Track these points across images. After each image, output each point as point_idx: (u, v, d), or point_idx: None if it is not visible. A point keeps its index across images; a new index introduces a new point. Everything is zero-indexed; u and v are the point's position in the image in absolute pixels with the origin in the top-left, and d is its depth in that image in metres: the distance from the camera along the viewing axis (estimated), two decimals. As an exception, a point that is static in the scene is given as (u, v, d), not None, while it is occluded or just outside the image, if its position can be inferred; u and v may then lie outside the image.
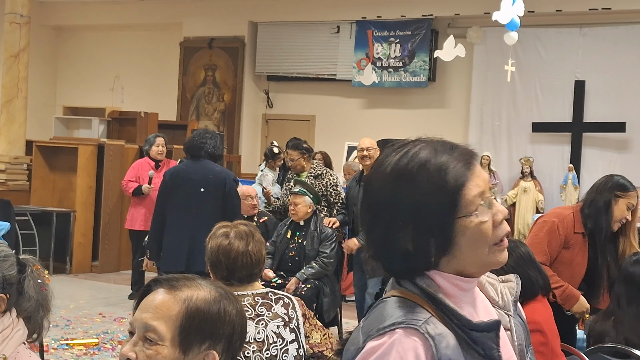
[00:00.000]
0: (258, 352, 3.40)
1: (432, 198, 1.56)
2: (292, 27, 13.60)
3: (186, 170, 6.81)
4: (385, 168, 1.62)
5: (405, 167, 1.60)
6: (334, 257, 7.35)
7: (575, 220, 4.64)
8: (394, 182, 1.59)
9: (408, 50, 12.65)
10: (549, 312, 3.71)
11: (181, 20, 14.29)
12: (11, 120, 11.66)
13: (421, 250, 1.56)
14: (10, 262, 2.37)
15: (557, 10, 11.66)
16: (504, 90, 12.00)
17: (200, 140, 6.75)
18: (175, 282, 1.81)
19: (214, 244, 3.58)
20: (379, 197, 1.61)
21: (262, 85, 14.19)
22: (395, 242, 1.57)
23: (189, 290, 1.79)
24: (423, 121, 12.59)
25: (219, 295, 1.83)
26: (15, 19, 11.71)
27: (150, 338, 1.74)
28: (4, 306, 2.32)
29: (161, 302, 1.77)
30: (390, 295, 1.62)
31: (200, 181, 6.66)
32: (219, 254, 3.56)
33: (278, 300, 3.55)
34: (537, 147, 11.99)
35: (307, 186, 7.48)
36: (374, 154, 7.60)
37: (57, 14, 15.72)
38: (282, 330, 3.48)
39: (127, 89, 15.17)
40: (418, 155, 1.61)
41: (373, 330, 1.54)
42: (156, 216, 6.97)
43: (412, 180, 1.58)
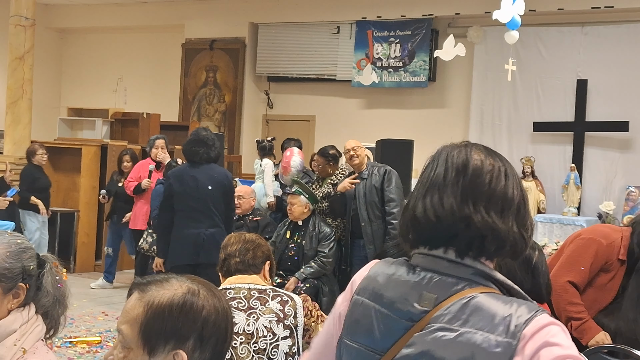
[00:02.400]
0: (245, 344, 3.44)
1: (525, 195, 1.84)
2: (292, 28, 13.63)
3: (190, 170, 7.03)
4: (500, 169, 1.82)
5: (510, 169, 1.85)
6: (333, 257, 7.40)
7: (622, 246, 4.39)
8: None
9: (408, 50, 12.66)
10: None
11: (183, 22, 14.34)
12: (16, 122, 11.73)
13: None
14: (30, 254, 2.42)
15: (558, 9, 11.63)
16: (505, 90, 11.98)
17: (192, 147, 7.02)
18: (148, 284, 1.84)
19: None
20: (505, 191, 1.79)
21: (262, 86, 14.24)
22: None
23: (155, 291, 1.82)
24: (423, 121, 12.62)
25: (187, 291, 1.82)
26: (20, 22, 11.77)
27: (122, 341, 1.80)
28: (23, 295, 2.36)
29: (130, 306, 1.82)
30: (472, 295, 1.72)
31: (206, 180, 6.93)
32: (220, 249, 3.81)
33: (275, 297, 3.59)
34: (538, 146, 11.92)
35: (302, 186, 7.54)
36: (361, 152, 7.67)
37: (62, 16, 15.79)
38: (275, 325, 3.51)
39: (130, 91, 15.25)
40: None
41: (517, 321, 1.66)
42: (162, 215, 7.15)
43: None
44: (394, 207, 7.42)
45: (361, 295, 1.86)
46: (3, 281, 2.33)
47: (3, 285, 2.33)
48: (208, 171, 6.98)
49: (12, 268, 2.34)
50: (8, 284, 2.34)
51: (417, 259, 1.83)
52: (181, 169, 7.25)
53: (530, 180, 11.58)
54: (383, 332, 1.77)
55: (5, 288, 2.34)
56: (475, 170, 1.80)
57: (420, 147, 10.58)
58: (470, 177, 1.79)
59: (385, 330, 1.76)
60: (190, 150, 7.03)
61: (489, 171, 1.80)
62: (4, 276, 2.33)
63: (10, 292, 2.35)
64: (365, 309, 1.82)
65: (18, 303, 2.36)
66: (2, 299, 2.34)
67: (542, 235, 10.76)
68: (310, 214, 7.48)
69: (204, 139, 7.03)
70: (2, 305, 2.34)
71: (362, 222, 7.49)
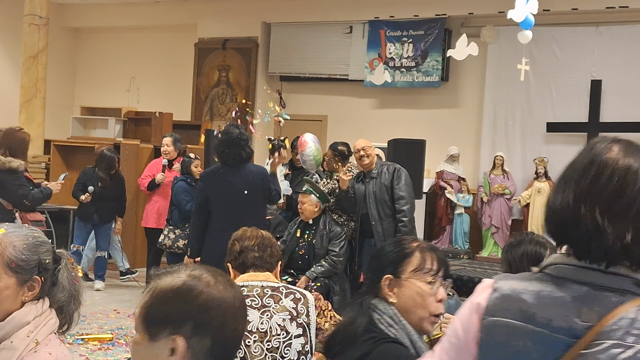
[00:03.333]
0: (259, 342, 3.42)
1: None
2: (304, 28, 13.63)
3: (225, 174, 6.79)
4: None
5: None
6: (343, 256, 7.39)
7: None
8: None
9: (421, 50, 12.63)
10: None
11: (196, 22, 14.37)
12: (30, 120, 11.77)
13: None
14: (46, 248, 2.44)
15: (572, 9, 11.57)
16: (518, 90, 11.93)
17: (224, 150, 6.79)
18: (162, 274, 1.87)
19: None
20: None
21: (274, 86, 14.24)
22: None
23: (160, 279, 1.86)
24: (435, 121, 12.59)
25: (189, 277, 1.83)
26: (34, 21, 11.83)
27: (134, 327, 1.86)
28: (38, 288, 2.38)
29: (143, 293, 1.86)
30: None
31: (242, 184, 6.69)
32: (234, 241, 3.81)
33: (289, 295, 3.58)
34: (551, 147, 11.86)
35: (313, 185, 7.53)
36: (371, 152, 7.63)
37: (75, 15, 15.84)
38: (288, 323, 3.49)
39: (143, 90, 15.28)
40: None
41: None
42: (197, 217, 6.96)
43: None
44: (404, 205, 7.40)
45: (502, 317, 1.73)
46: (19, 273, 2.35)
47: (19, 276, 2.35)
48: (243, 173, 6.74)
49: (29, 260, 2.37)
50: (24, 276, 2.36)
51: (562, 271, 1.74)
52: (215, 172, 6.97)
53: (544, 181, 11.55)
54: (541, 352, 1.67)
55: (21, 280, 2.36)
56: (601, 169, 1.71)
57: (433, 147, 10.59)
58: (593, 177, 1.70)
59: (545, 350, 1.66)
60: (222, 152, 6.83)
61: (620, 172, 1.69)
62: (21, 268, 2.35)
63: (25, 284, 2.37)
64: (513, 330, 1.71)
65: (32, 296, 2.38)
66: (18, 290, 2.36)
67: (554, 236, 10.70)
68: (321, 212, 7.48)
69: (234, 139, 6.76)
70: (17, 297, 2.36)
71: (373, 221, 7.47)
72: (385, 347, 2.46)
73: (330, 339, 2.65)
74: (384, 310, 2.58)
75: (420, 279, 2.62)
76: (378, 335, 2.50)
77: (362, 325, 2.53)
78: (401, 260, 2.65)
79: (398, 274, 2.63)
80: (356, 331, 2.52)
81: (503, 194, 11.80)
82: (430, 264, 2.64)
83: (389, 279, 2.63)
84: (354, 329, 2.54)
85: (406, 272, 2.63)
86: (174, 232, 9.25)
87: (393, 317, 2.57)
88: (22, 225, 2.53)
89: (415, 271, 2.62)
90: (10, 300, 2.35)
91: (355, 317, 2.58)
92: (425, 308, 2.60)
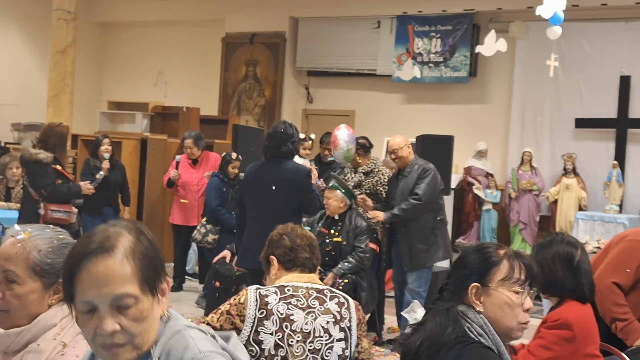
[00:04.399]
0: (302, 343, 3.39)
1: None
2: (332, 23, 13.60)
3: (259, 168, 6.57)
4: None
5: None
6: (370, 252, 7.37)
7: None
8: None
9: (449, 45, 12.57)
10: (585, 314, 3.64)
11: (223, 16, 14.38)
12: (58, 115, 11.81)
13: None
14: None
15: (602, 4, 11.50)
16: (547, 86, 11.85)
17: (265, 143, 6.57)
18: (102, 243, 1.76)
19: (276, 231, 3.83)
20: None
21: (302, 81, 14.23)
22: None
23: (119, 242, 1.78)
24: (464, 117, 12.53)
25: (137, 229, 1.86)
26: (62, 15, 11.85)
27: (128, 304, 1.75)
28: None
29: (112, 269, 1.74)
30: None
31: (271, 179, 6.39)
32: (282, 235, 3.76)
33: (333, 298, 3.56)
34: (580, 143, 11.78)
35: (339, 181, 7.50)
36: (402, 152, 7.54)
37: (103, 10, 15.92)
38: (331, 327, 3.46)
39: (170, 84, 15.33)
40: None
41: None
42: (238, 216, 6.78)
43: None
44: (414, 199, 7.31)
45: None
46: (45, 276, 2.33)
47: (45, 280, 2.33)
48: (276, 169, 6.42)
49: (54, 264, 2.33)
50: (49, 279, 2.34)
51: None
52: (254, 165, 6.74)
53: (572, 177, 11.48)
54: None
55: (47, 283, 2.34)
56: None
57: (461, 142, 10.52)
58: None
59: None
60: (263, 145, 6.60)
61: None
62: (46, 272, 2.32)
63: (51, 288, 2.35)
64: None
65: (59, 299, 2.35)
66: (43, 294, 2.34)
67: (583, 232, 10.64)
68: (346, 208, 7.46)
69: (277, 133, 6.47)
70: (42, 300, 2.34)
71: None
72: (478, 351, 2.45)
73: (414, 344, 2.60)
74: (474, 319, 2.55)
75: (508, 289, 2.59)
76: (470, 340, 2.48)
77: (454, 334, 2.50)
78: (488, 268, 2.62)
79: (486, 282, 2.60)
80: (447, 339, 2.49)
81: (531, 190, 11.72)
82: (519, 273, 2.61)
83: (476, 287, 2.60)
84: (445, 336, 2.50)
85: (494, 281, 2.60)
86: (205, 227, 9.26)
87: (483, 326, 2.54)
88: (47, 226, 2.46)
89: (503, 280, 2.59)
90: (36, 304, 2.33)
91: (444, 324, 2.54)
92: (514, 318, 2.58)
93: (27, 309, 2.31)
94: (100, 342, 1.72)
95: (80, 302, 1.72)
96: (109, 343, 1.72)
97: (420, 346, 2.56)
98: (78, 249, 1.75)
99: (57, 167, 7.42)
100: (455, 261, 2.79)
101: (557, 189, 11.59)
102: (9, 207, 8.82)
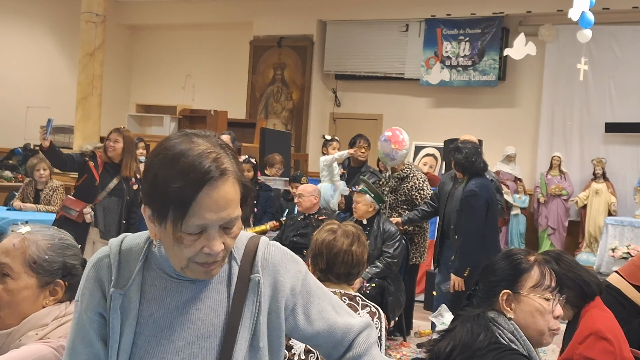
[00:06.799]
0: None
1: None
2: (360, 26, 13.57)
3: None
4: None
5: None
6: (398, 257, 7.30)
7: None
8: None
9: (478, 49, 12.51)
10: (609, 317, 3.60)
11: (251, 20, 14.40)
12: (86, 117, 11.89)
13: None
14: (73, 252, 2.34)
15: (633, 7, 11.40)
16: (577, 90, 11.77)
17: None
18: (218, 168, 1.72)
19: (319, 237, 3.64)
20: None
21: (330, 84, 14.21)
22: None
23: (229, 166, 1.74)
24: (492, 121, 12.46)
25: (229, 147, 1.81)
26: (91, 18, 11.92)
27: (234, 225, 1.76)
28: (61, 293, 2.30)
29: (230, 194, 1.74)
30: None
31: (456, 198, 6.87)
32: (322, 247, 3.62)
33: (365, 307, 3.52)
34: (610, 147, 11.71)
35: (369, 185, 7.45)
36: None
37: (132, 13, 16.00)
38: None
39: (198, 87, 15.37)
40: None
41: None
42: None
43: None
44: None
45: None
46: (41, 273, 2.26)
47: (40, 277, 2.26)
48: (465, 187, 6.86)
49: (52, 261, 2.28)
50: (45, 277, 2.27)
51: None
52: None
53: (602, 182, 11.39)
54: None
55: (43, 281, 2.27)
56: None
57: (490, 146, 10.46)
58: None
59: None
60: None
61: None
62: (42, 268, 2.26)
63: (47, 287, 2.28)
64: None
65: (55, 301, 2.30)
66: (38, 292, 2.27)
67: (612, 238, 10.53)
68: (375, 213, 7.41)
69: (461, 148, 6.88)
70: (37, 300, 2.27)
71: (452, 225, 7.29)
72: (513, 357, 2.43)
73: (443, 350, 2.58)
74: (504, 325, 2.54)
75: (539, 295, 2.57)
76: (504, 346, 2.47)
77: (487, 340, 2.48)
78: (519, 275, 2.60)
79: (516, 289, 2.58)
80: (480, 346, 2.47)
81: (560, 194, 11.63)
82: (549, 280, 2.60)
83: (507, 294, 2.59)
84: (478, 343, 2.49)
85: (525, 287, 2.58)
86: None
87: (514, 332, 2.53)
88: (49, 226, 2.40)
89: (534, 287, 2.58)
90: (29, 303, 2.26)
91: (475, 330, 2.53)
92: (545, 324, 2.57)
93: (19, 306, 2.24)
94: (201, 260, 1.75)
95: (192, 225, 1.70)
96: (211, 261, 1.76)
97: (452, 352, 2.54)
98: (190, 174, 1.69)
99: (90, 162, 7.38)
100: (484, 268, 2.77)
101: (586, 194, 11.49)
102: (38, 209, 8.83)
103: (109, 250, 1.87)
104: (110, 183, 7.31)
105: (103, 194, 7.28)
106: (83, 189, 7.34)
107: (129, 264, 1.85)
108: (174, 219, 1.70)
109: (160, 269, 1.84)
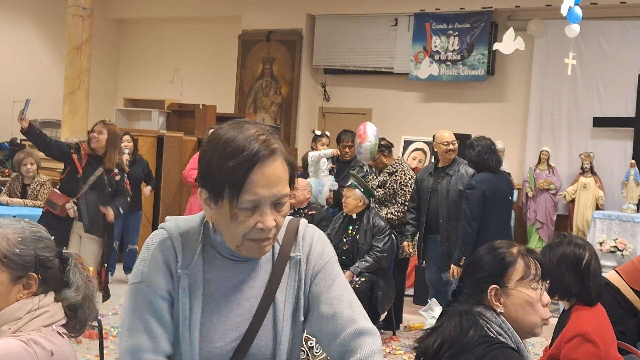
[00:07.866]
0: None
1: None
2: (349, 20, 13.56)
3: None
4: None
5: None
6: (387, 251, 7.32)
7: None
8: None
9: (467, 43, 12.52)
10: (598, 317, 3.58)
11: (240, 14, 14.37)
12: (74, 111, 11.83)
13: None
14: (46, 244, 2.31)
15: (621, 2, 11.42)
16: (565, 84, 11.80)
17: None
18: (269, 147, 1.88)
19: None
20: None
21: (319, 79, 14.20)
22: None
23: (279, 146, 1.91)
24: (481, 115, 12.48)
25: (277, 132, 1.99)
26: (78, 12, 11.84)
27: (284, 202, 1.91)
28: (35, 286, 2.27)
29: (280, 171, 1.89)
30: None
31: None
32: None
33: None
34: (598, 142, 11.74)
35: (358, 180, 7.46)
36: (457, 146, 7.51)
37: (119, 6, 15.93)
38: None
39: (187, 82, 15.32)
40: None
41: None
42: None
43: None
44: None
45: None
46: (12, 268, 2.23)
47: (12, 272, 2.23)
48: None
49: (24, 255, 2.24)
50: (17, 271, 2.24)
51: None
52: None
53: (589, 176, 11.42)
54: None
55: (14, 275, 2.24)
56: None
57: (478, 141, 10.44)
58: None
59: None
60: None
61: None
62: (14, 262, 2.23)
63: (20, 281, 2.25)
64: None
65: (29, 294, 2.27)
66: (10, 287, 2.24)
67: (600, 232, 10.55)
68: (365, 207, 7.41)
69: (472, 142, 7.16)
70: (9, 294, 2.24)
71: (441, 219, 7.29)
72: (502, 351, 2.45)
73: (430, 345, 2.59)
74: (492, 318, 2.56)
75: (527, 286, 2.59)
76: (493, 340, 2.49)
77: (476, 335, 2.50)
78: (505, 269, 2.62)
79: (504, 283, 2.60)
80: (469, 340, 2.49)
81: (548, 189, 11.66)
82: (534, 269, 2.62)
83: (495, 289, 2.60)
84: (467, 338, 2.51)
85: (512, 281, 2.60)
86: None
87: (502, 325, 2.55)
88: (20, 220, 2.37)
89: (521, 279, 2.60)
90: (2, 298, 2.23)
91: (464, 325, 2.54)
92: (536, 315, 2.59)
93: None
94: (255, 237, 1.89)
95: (246, 200, 1.85)
96: (264, 237, 1.89)
97: (441, 347, 2.56)
98: (243, 153, 1.84)
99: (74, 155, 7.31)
100: (469, 263, 2.78)
101: (574, 188, 11.53)
102: (25, 204, 8.80)
103: (168, 232, 2.00)
104: (92, 176, 7.24)
105: (85, 188, 7.19)
106: (66, 182, 7.30)
107: (190, 245, 1.98)
108: (230, 196, 1.84)
109: (216, 251, 1.99)
